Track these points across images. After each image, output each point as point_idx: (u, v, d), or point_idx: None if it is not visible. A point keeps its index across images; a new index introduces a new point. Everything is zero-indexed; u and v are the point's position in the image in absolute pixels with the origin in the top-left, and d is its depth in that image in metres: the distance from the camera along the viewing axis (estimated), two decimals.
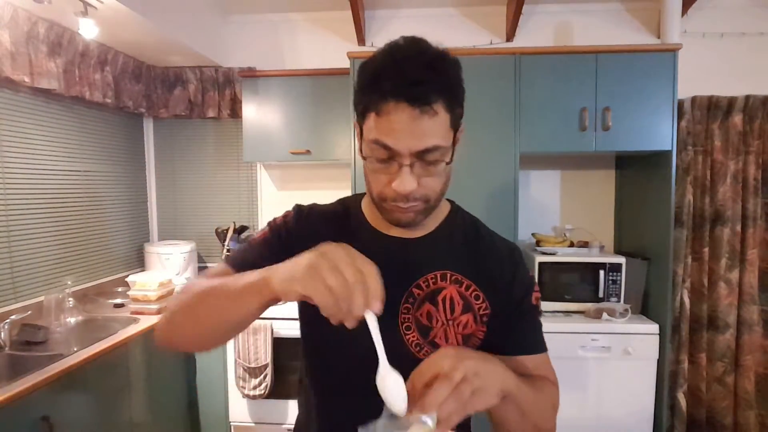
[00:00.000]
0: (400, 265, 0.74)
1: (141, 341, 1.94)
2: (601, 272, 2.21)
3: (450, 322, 0.72)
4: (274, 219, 0.83)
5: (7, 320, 1.75)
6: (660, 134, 2.07)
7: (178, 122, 2.82)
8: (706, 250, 2.40)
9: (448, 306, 0.72)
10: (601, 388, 2.11)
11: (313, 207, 0.84)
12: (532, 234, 2.52)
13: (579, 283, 2.24)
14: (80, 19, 1.79)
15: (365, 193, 0.81)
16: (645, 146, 2.09)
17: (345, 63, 2.16)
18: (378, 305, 0.53)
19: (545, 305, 2.24)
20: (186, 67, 2.65)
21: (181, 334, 0.69)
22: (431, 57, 0.63)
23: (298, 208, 0.83)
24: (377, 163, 0.66)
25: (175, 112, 2.69)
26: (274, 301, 0.59)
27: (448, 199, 0.82)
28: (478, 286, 0.74)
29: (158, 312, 2.12)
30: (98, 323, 2.02)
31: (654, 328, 2.10)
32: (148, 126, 2.85)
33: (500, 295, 0.75)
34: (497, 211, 2.12)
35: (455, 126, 0.67)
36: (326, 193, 2.82)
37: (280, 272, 0.57)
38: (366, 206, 0.82)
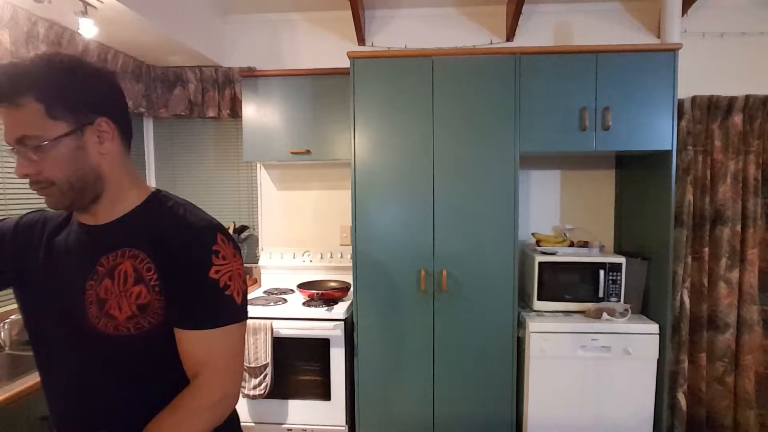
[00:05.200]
0: (88, 248, 0.82)
1: None
2: (601, 272, 2.21)
3: (123, 294, 0.78)
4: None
5: (7, 320, 1.75)
6: (660, 134, 2.07)
7: (178, 122, 2.82)
8: (706, 249, 2.40)
9: (122, 279, 0.78)
10: (601, 388, 2.11)
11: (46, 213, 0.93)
12: (532, 234, 2.52)
13: (579, 283, 2.24)
14: (80, 19, 1.79)
15: None
16: (645, 146, 2.09)
17: (345, 63, 2.16)
18: None
19: (545, 305, 2.24)
20: (186, 66, 2.65)
21: None
22: (29, 61, 0.73)
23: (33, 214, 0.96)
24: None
25: (175, 112, 2.69)
26: None
27: (155, 189, 0.89)
28: (152, 259, 0.79)
29: None
30: None
31: (654, 328, 2.10)
32: (148, 126, 2.85)
33: (173, 266, 0.79)
34: (497, 211, 2.11)
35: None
36: (326, 193, 2.85)
37: None
38: None
